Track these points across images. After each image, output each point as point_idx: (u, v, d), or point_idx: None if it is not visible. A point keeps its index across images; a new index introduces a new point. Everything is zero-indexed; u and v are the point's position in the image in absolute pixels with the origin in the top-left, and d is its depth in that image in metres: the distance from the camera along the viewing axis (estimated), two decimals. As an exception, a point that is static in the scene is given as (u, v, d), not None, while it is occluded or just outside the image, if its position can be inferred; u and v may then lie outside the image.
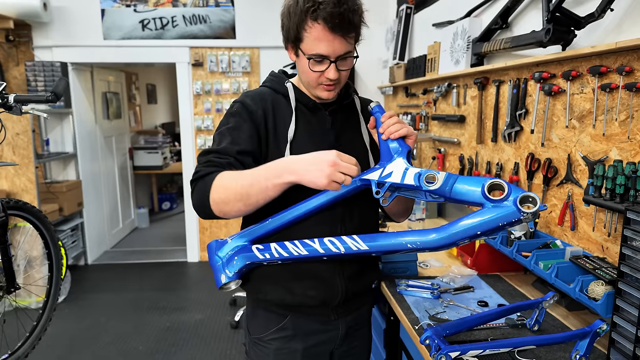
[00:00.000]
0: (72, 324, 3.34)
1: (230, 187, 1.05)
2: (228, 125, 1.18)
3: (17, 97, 1.99)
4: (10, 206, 2.12)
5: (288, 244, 1.13)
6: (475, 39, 2.13)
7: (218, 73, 4.50)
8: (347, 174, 0.99)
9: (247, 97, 1.23)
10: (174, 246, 5.13)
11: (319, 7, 1.06)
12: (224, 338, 3.15)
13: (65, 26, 4.26)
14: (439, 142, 2.70)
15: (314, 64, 1.13)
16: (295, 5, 1.09)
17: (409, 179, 1.07)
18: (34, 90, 4.11)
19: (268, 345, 1.29)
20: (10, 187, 3.49)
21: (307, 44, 1.11)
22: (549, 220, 1.72)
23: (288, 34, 1.14)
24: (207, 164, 1.11)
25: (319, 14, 1.06)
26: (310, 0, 1.07)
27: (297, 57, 1.17)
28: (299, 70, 1.20)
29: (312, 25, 1.08)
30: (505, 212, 0.95)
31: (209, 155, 1.13)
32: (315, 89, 1.19)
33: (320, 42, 1.09)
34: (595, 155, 1.46)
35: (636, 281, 1.08)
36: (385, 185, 1.09)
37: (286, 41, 1.17)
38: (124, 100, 5.65)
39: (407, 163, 1.11)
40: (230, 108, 1.23)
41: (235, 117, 1.19)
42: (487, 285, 1.68)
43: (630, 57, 1.31)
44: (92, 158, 4.73)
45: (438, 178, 1.03)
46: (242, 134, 1.16)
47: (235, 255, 1.17)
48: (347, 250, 1.09)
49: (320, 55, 1.11)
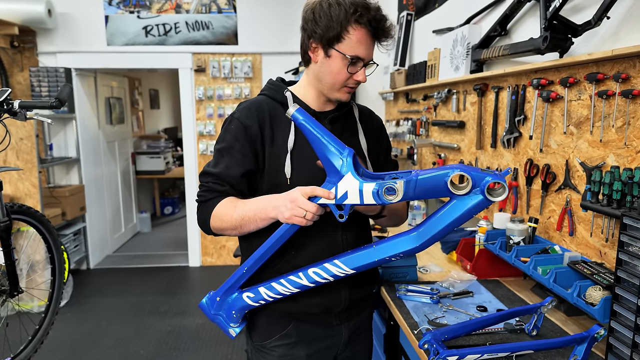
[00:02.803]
0: (73, 328, 3.35)
1: (225, 220, 1.18)
2: (223, 144, 1.23)
3: (21, 103, 2.01)
4: (14, 210, 2.15)
5: (276, 286, 1.17)
6: (474, 46, 2.15)
7: (220, 79, 4.53)
8: (306, 209, 1.04)
9: (243, 110, 1.24)
10: (175, 251, 5.15)
11: (364, 12, 1.12)
12: (225, 342, 3.16)
13: (69, 32, 4.31)
14: (439, 147, 2.71)
15: (350, 65, 1.16)
16: (338, 6, 1.12)
17: (368, 197, 1.02)
18: (38, 96, 4.15)
19: (271, 352, 1.29)
20: (13, 192, 3.51)
21: (347, 45, 1.14)
22: (547, 225, 1.73)
23: (325, 33, 1.14)
24: (207, 190, 1.23)
25: (364, 19, 1.13)
26: (356, 6, 1.12)
27: (327, 57, 1.17)
28: (324, 71, 1.20)
29: (355, 28, 1.13)
30: (474, 203, 0.96)
31: (209, 179, 1.23)
32: (338, 90, 1.22)
33: (361, 45, 1.15)
34: (593, 161, 1.47)
35: (633, 286, 1.08)
36: (346, 208, 1.06)
37: (319, 40, 1.16)
38: (127, 106, 5.68)
39: (358, 177, 1.03)
40: (227, 122, 1.25)
41: (231, 134, 1.22)
42: (487, 290, 1.69)
43: (627, 64, 1.33)
44: (95, 163, 4.76)
45: (397, 189, 1.00)
46: (236, 154, 1.21)
47: (232, 310, 1.23)
48: (334, 277, 1.12)
49: (357, 57, 1.16)
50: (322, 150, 1.06)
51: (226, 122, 1.26)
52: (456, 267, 1.95)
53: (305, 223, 1.06)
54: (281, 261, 1.23)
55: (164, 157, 6.13)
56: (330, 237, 1.24)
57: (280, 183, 1.21)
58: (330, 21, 1.13)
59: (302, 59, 1.26)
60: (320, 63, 1.19)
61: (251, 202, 1.17)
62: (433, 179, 0.98)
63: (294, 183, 1.19)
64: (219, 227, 1.20)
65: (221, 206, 1.19)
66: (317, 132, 1.06)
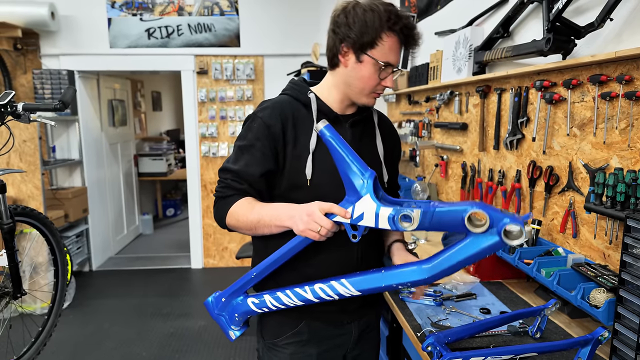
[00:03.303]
0: (76, 330, 3.35)
1: (241, 220, 1.19)
2: (245, 142, 1.23)
3: (25, 105, 2.02)
4: (18, 213, 2.15)
5: (282, 296, 1.18)
6: (477, 48, 2.15)
7: (222, 81, 4.54)
8: (321, 225, 1.05)
9: (266, 109, 1.24)
10: (178, 252, 5.15)
11: (398, 20, 1.15)
12: (228, 344, 3.16)
13: (72, 35, 4.32)
14: (441, 149, 2.71)
15: (380, 71, 1.18)
16: (372, 13, 1.14)
17: (383, 222, 1.02)
18: (41, 98, 4.16)
19: (283, 349, 1.29)
20: (16, 194, 3.52)
21: (380, 51, 1.16)
22: (551, 227, 1.73)
23: (359, 38, 1.15)
24: (226, 187, 1.23)
25: (397, 26, 1.15)
26: (390, 13, 1.14)
27: (358, 62, 1.18)
28: (354, 76, 1.20)
29: (389, 35, 1.15)
30: (489, 244, 0.94)
31: (228, 176, 1.23)
32: (366, 96, 1.23)
33: (392, 52, 1.17)
34: (596, 163, 1.47)
35: (637, 289, 1.08)
36: (360, 229, 1.06)
37: (352, 45, 1.16)
38: (130, 108, 5.70)
39: (376, 200, 1.03)
40: (249, 120, 1.25)
41: (252, 132, 1.22)
42: (490, 292, 1.69)
43: (630, 66, 1.33)
44: (97, 165, 4.77)
45: (413, 217, 0.99)
46: (256, 153, 1.21)
47: (235, 313, 1.24)
48: (339, 296, 1.12)
49: (389, 63, 1.18)
50: (344, 169, 1.06)
51: (248, 119, 1.26)
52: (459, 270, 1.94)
53: (319, 238, 1.07)
54: (292, 270, 1.24)
55: (166, 159, 6.14)
56: (345, 250, 1.24)
57: (300, 184, 1.22)
58: (365, 27, 1.14)
59: (328, 62, 1.26)
60: (350, 68, 1.20)
61: (269, 207, 1.18)
62: (450, 213, 0.97)
63: (314, 184, 1.21)
64: (234, 225, 1.22)
65: (239, 206, 1.20)
66: (342, 150, 1.06)
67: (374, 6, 1.15)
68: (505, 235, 0.92)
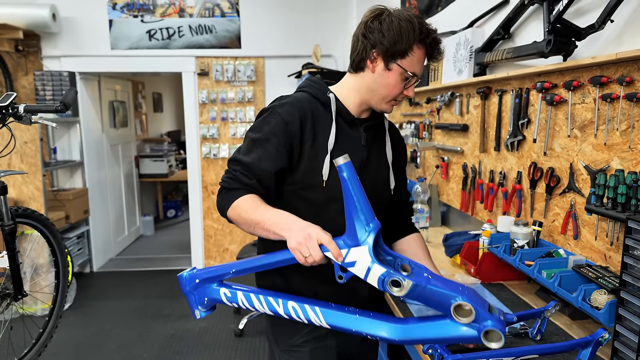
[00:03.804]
0: (77, 331, 3.35)
1: (243, 216, 1.18)
2: (259, 134, 1.21)
3: (27, 107, 2.02)
4: (18, 214, 2.15)
5: (254, 298, 1.17)
6: (477, 49, 2.15)
7: (223, 82, 4.54)
8: (311, 253, 1.04)
9: (285, 105, 1.22)
10: (178, 254, 5.15)
11: (429, 35, 1.19)
12: (228, 346, 3.16)
13: (73, 36, 4.33)
14: (442, 150, 2.71)
15: (405, 80, 1.22)
16: (407, 23, 1.16)
17: (373, 279, 1.00)
18: (42, 100, 4.17)
19: (301, 348, 1.28)
20: (18, 195, 3.53)
21: (409, 61, 1.19)
22: (552, 229, 1.73)
23: (392, 47, 1.17)
24: (233, 178, 1.21)
25: (428, 40, 1.20)
26: (422, 26, 1.18)
27: (387, 70, 1.20)
28: (380, 82, 1.22)
29: (419, 47, 1.19)
30: (466, 335, 0.95)
31: (237, 167, 1.21)
32: (387, 103, 1.25)
33: (419, 63, 1.22)
34: (597, 165, 1.47)
35: (638, 290, 1.08)
36: (348, 274, 1.05)
37: (383, 52, 1.18)
38: (131, 109, 5.71)
39: (373, 256, 1.01)
40: (267, 113, 1.23)
41: (269, 126, 1.21)
42: (491, 294, 1.68)
43: (631, 67, 1.33)
44: (98, 166, 4.77)
45: (403, 285, 0.97)
46: (270, 148, 1.19)
47: (205, 296, 1.22)
48: (307, 321, 1.11)
49: (415, 74, 1.21)
50: (351, 212, 1.05)
51: (264, 112, 1.24)
52: (460, 271, 1.94)
53: (304, 262, 1.06)
54: (278, 274, 1.24)
55: (167, 160, 6.15)
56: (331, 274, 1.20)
57: (316, 184, 1.21)
58: (399, 36, 1.16)
59: (353, 65, 1.25)
60: (377, 74, 1.21)
61: (273, 212, 1.16)
62: (440, 295, 0.97)
63: (329, 185, 1.21)
64: (234, 219, 1.21)
65: (244, 201, 1.19)
66: (355, 192, 1.04)
67: (409, 17, 1.17)
68: (484, 336, 0.93)
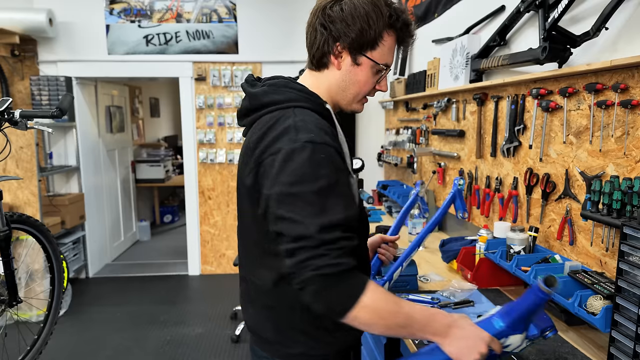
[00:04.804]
0: (72, 338, 3.33)
1: (384, 318, 0.90)
2: (322, 182, 0.90)
3: (22, 112, 2.02)
4: (14, 220, 2.14)
5: None
6: (474, 56, 2.17)
7: (220, 87, 4.55)
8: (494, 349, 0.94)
9: (316, 131, 0.95)
10: (175, 259, 5.13)
11: (399, 17, 1.02)
12: (225, 352, 3.14)
13: (70, 41, 4.33)
14: (439, 156, 2.72)
15: (377, 74, 1.06)
16: (374, 7, 0.99)
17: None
18: (39, 105, 4.16)
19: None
20: (13, 200, 3.51)
21: (380, 52, 1.03)
22: (548, 234, 1.73)
23: (359, 38, 1.00)
24: (342, 252, 0.88)
25: (398, 24, 1.02)
26: (391, 8, 1.01)
27: (355, 65, 1.03)
28: (349, 80, 1.05)
29: (390, 34, 1.02)
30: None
31: (338, 233, 0.89)
32: (359, 102, 1.10)
33: (390, 52, 1.05)
34: (593, 171, 1.47)
35: (634, 296, 1.08)
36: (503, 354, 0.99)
37: (349, 45, 1.01)
38: (127, 114, 5.70)
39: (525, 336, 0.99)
40: (306, 152, 0.91)
41: (325, 165, 0.91)
42: (487, 299, 1.68)
43: (625, 74, 1.34)
44: (94, 171, 4.76)
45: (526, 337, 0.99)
46: (344, 188, 0.95)
47: None
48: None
49: (388, 65, 1.05)
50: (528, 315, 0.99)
51: (300, 151, 0.90)
52: (457, 276, 1.94)
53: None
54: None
55: (164, 165, 6.13)
56: None
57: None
58: (367, 24, 0.99)
59: (314, 62, 1.07)
60: (345, 71, 1.04)
61: (419, 311, 0.94)
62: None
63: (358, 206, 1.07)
64: (367, 322, 0.89)
65: (376, 298, 0.89)
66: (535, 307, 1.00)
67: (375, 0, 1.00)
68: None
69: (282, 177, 0.90)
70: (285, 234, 0.90)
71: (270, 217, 0.93)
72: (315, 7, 1.04)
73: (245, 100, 1.08)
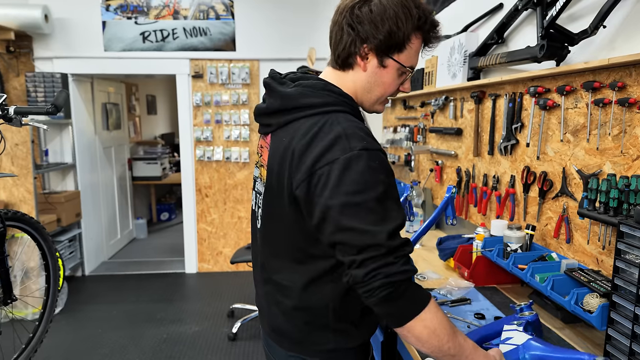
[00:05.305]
0: (68, 336, 3.32)
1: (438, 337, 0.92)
2: (381, 187, 0.91)
3: (17, 109, 2.00)
4: (8, 217, 2.13)
5: None
6: (471, 54, 2.16)
7: (218, 85, 4.53)
8: None
9: (365, 137, 0.95)
10: (172, 257, 5.12)
11: (427, 21, 1.01)
12: (222, 350, 3.14)
13: (66, 38, 4.30)
14: (436, 154, 2.72)
15: (400, 75, 1.05)
16: (407, 12, 0.98)
17: None
18: (34, 101, 4.14)
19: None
20: (8, 198, 3.49)
21: (407, 55, 1.02)
22: (545, 233, 1.73)
23: (387, 40, 0.98)
24: (408, 256, 0.92)
25: (426, 27, 1.01)
26: (420, 9, 1.00)
27: (381, 67, 1.02)
28: (374, 82, 1.04)
29: (417, 37, 1.02)
30: None
31: (401, 239, 0.91)
32: (382, 103, 1.10)
33: (416, 54, 1.05)
34: (590, 169, 1.48)
35: (630, 294, 1.09)
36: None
37: (377, 47, 0.99)
38: (124, 111, 5.68)
39: None
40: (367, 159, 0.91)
41: (378, 171, 0.92)
42: (484, 297, 1.69)
43: (623, 72, 1.34)
44: (91, 169, 4.74)
45: None
46: (395, 191, 0.96)
47: None
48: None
49: (413, 67, 1.05)
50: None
51: (357, 160, 0.90)
52: (454, 274, 1.95)
53: None
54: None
55: (161, 163, 6.11)
56: None
57: None
58: (395, 26, 0.97)
59: (339, 62, 1.05)
60: (370, 73, 1.03)
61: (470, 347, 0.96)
62: None
63: None
64: (422, 339, 0.92)
65: (440, 313, 0.93)
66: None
67: (405, 1, 0.98)
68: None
69: (342, 187, 0.90)
70: (349, 244, 0.90)
71: (329, 228, 0.92)
72: (342, 6, 1.02)
73: (275, 99, 1.06)
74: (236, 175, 4.66)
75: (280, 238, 1.09)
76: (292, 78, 1.09)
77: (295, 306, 1.09)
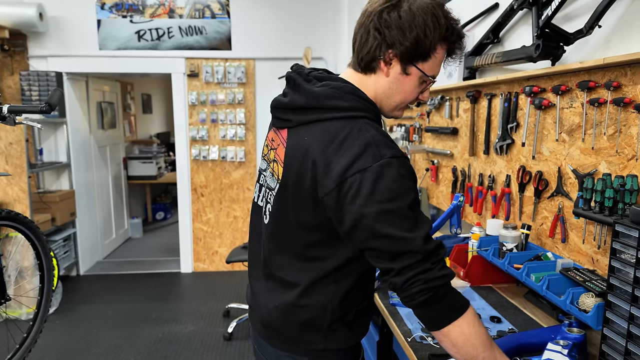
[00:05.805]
0: (63, 336, 3.30)
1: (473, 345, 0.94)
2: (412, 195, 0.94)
3: (11, 107, 1.99)
4: (2, 217, 2.12)
5: None
6: (467, 53, 2.16)
7: (213, 84, 4.52)
8: None
9: (393, 146, 0.97)
10: (167, 257, 5.10)
11: (454, 32, 1.00)
12: (217, 350, 3.13)
13: (61, 36, 4.28)
14: (432, 154, 2.72)
15: (421, 84, 1.05)
16: (433, 18, 0.96)
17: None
18: (28, 100, 4.11)
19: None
20: (2, 197, 3.47)
21: (431, 64, 1.01)
22: (540, 232, 1.74)
23: (413, 48, 0.97)
24: (443, 260, 0.95)
25: (452, 38, 1.01)
26: (448, 20, 0.99)
27: (404, 74, 1.02)
28: (395, 88, 1.04)
29: (442, 47, 1.01)
30: None
31: (435, 243, 0.94)
32: (401, 109, 1.10)
33: (439, 64, 1.04)
34: (585, 169, 1.48)
35: (625, 294, 1.09)
36: None
37: (402, 53, 0.99)
38: (119, 110, 5.65)
39: None
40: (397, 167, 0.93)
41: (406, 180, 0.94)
42: (480, 297, 1.69)
43: (618, 72, 1.34)
44: (85, 168, 4.71)
45: None
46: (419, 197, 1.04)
47: None
48: None
49: (434, 77, 1.04)
50: None
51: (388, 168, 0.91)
52: (449, 274, 1.94)
53: None
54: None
55: (156, 162, 6.09)
56: None
57: None
58: (424, 35, 0.96)
59: (361, 65, 1.04)
60: (393, 79, 1.03)
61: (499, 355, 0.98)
62: None
63: None
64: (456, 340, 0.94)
65: (477, 322, 0.95)
66: None
67: (433, 9, 0.97)
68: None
69: (376, 195, 0.90)
70: (383, 250, 0.93)
71: (362, 235, 0.93)
72: (370, 9, 1.00)
73: (300, 96, 1.04)
74: (232, 174, 4.65)
75: (289, 235, 1.08)
76: (317, 76, 1.08)
77: (295, 304, 1.08)
